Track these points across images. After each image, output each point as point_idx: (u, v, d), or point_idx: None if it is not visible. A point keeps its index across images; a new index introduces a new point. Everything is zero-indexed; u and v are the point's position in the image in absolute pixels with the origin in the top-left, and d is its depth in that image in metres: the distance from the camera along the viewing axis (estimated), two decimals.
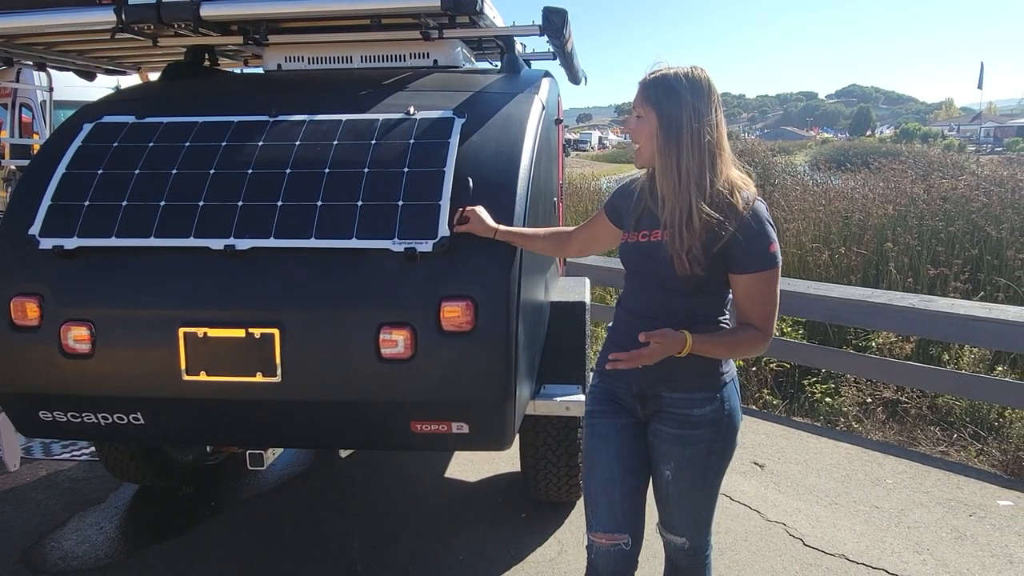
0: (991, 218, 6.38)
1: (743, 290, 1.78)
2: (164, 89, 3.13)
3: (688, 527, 1.95)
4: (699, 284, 1.78)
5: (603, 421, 1.95)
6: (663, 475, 1.89)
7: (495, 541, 3.12)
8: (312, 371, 2.30)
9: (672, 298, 1.81)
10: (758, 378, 5.34)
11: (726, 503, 3.43)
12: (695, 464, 1.86)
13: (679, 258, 1.74)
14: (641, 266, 1.87)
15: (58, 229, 2.39)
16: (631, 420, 1.94)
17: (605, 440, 1.93)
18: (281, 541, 3.17)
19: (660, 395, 1.87)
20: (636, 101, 1.81)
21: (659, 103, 1.75)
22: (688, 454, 1.85)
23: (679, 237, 1.73)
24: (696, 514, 1.94)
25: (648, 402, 1.89)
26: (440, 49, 3.22)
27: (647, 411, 1.91)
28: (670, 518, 1.96)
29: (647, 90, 1.78)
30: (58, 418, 2.47)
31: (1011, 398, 4.05)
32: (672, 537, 1.97)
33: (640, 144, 1.81)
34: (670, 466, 1.87)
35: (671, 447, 1.86)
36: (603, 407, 1.97)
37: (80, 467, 3.89)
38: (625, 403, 1.94)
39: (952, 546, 3.08)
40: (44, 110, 7.10)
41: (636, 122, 1.81)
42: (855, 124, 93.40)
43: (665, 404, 1.86)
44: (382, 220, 2.31)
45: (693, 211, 1.72)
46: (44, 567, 2.97)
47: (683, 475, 1.87)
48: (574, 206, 10.43)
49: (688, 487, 1.89)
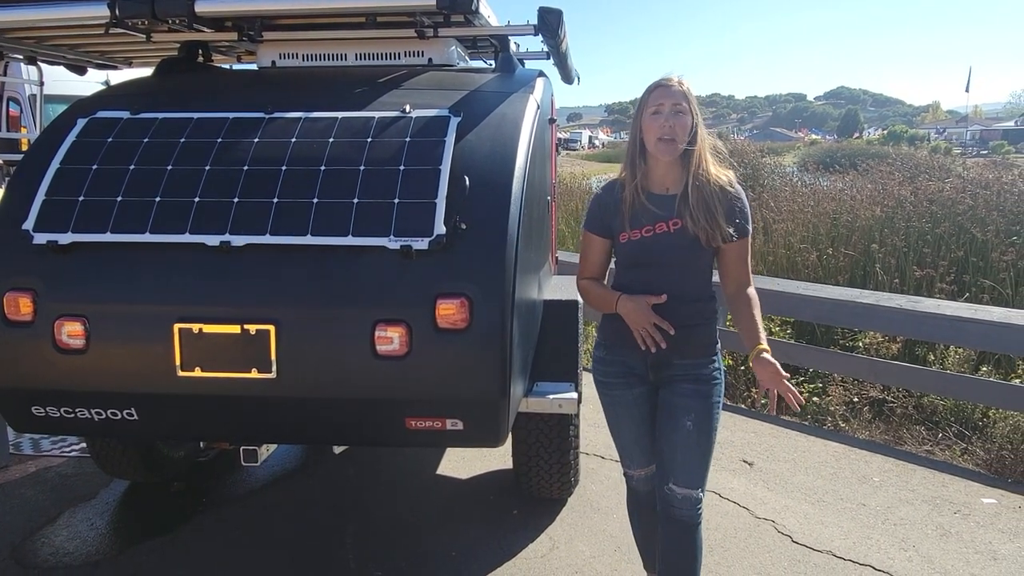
0: (977, 220, 6.46)
1: (737, 252, 2.15)
2: (159, 85, 3.12)
3: (702, 476, 2.20)
4: (705, 260, 2.14)
5: (623, 392, 2.25)
6: (684, 427, 2.15)
7: (487, 537, 3.14)
8: (307, 368, 2.31)
9: (685, 278, 2.14)
10: (747, 377, 5.38)
11: (715, 500, 3.47)
12: (708, 412, 2.17)
13: (711, 233, 2.06)
14: (656, 258, 2.11)
15: (52, 224, 2.39)
16: (643, 389, 2.24)
17: (628, 407, 2.27)
18: (274, 537, 3.17)
19: (673, 363, 2.17)
20: (675, 96, 2.05)
21: (693, 101, 2.08)
22: (704, 405, 2.17)
23: (711, 216, 2.06)
24: (707, 463, 2.21)
25: (662, 369, 2.19)
26: (435, 47, 3.23)
27: (659, 376, 2.21)
28: (688, 471, 2.17)
29: (689, 91, 2.07)
30: (51, 414, 2.46)
31: (995, 398, 4.12)
32: (688, 491, 2.17)
33: (677, 135, 2.05)
34: (691, 416, 2.15)
35: (691, 400, 2.16)
36: (618, 380, 2.25)
37: (70, 463, 3.87)
38: (638, 372, 2.22)
39: (937, 543, 3.13)
40: (34, 104, 7.04)
41: (678, 117, 2.04)
42: (843, 126, 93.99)
43: (678, 370, 2.18)
44: (378, 217, 2.32)
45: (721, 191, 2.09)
46: (34, 563, 2.96)
47: (702, 425, 2.16)
48: (564, 205, 10.46)
49: (705, 436, 2.17)
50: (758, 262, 7.14)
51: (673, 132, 2.04)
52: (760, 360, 2.08)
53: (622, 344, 2.18)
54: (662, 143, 2.05)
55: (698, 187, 2.07)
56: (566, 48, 3.56)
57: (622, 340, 2.16)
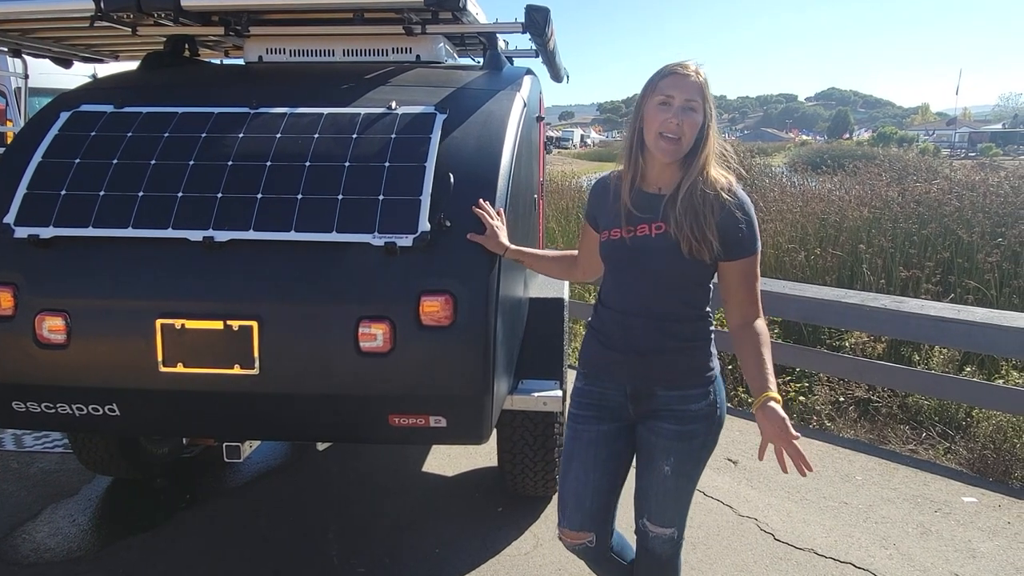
0: (963, 222, 6.51)
1: (741, 272, 1.84)
2: (143, 78, 3.10)
3: (679, 518, 2.00)
4: (696, 273, 1.83)
5: (586, 427, 1.98)
6: (661, 471, 1.91)
7: (471, 534, 3.14)
8: (290, 364, 2.30)
9: (668, 291, 1.86)
10: (733, 376, 5.40)
11: (700, 498, 3.48)
12: (691, 457, 1.92)
13: (695, 245, 1.77)
14: (633, 262, 1.87)
15: (34, 218, 2.37)
16: (615, 426, 1.97)
17: (585, 445, 1.97)
18: (257, 534, 3.16)
19: (656, 394, 1.90)
20: (689, 89, 1.78)
21: (709, 97, 1.81)
22: (687, 448, 1.90)
23: (698, 225, 1.77)
24: (685, 504, 1.99)
25: (642, 402, 1.92)
26: (422, 44, 3.22)
27: (640, 410, 1.93)
28: (663, 512, 1.97)
29: (706, 84, 1.80)
30: (32, 409, 2.45)
31: (978, 398, 4.15)
32: (662, 530, 1.99)
33: (684, 135, 1.78)
34: (670, 461, 1.90)
35: (671, 442, 1.90)
36: (588, 412, 1.98)
37: (53, 459, 3.85)
38: (613, 406, 1.96)
39: (918, 541, 3.16)
40: (19, 97, 6.98)
41: (688, 114, 1.77)
42: (833, 127, 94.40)
43: (661, 403, 1.90)
44: (363, 214, 2.32)
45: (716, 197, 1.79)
46: (16, 559, 2.94)
47: (682, 469, 1.92)
48: (555, 203, 10.46)
49: (685, 480, 1.94)
50: None
51: (680, 131, 1.76)
52: (766, 410, 1.72)
53: (597, 373, 1.96)
54: (664, 141, 1.78)
55: (691, 189, 1.79)
56: (554, 46, 3.56)
57: (598, 369, 1.96)
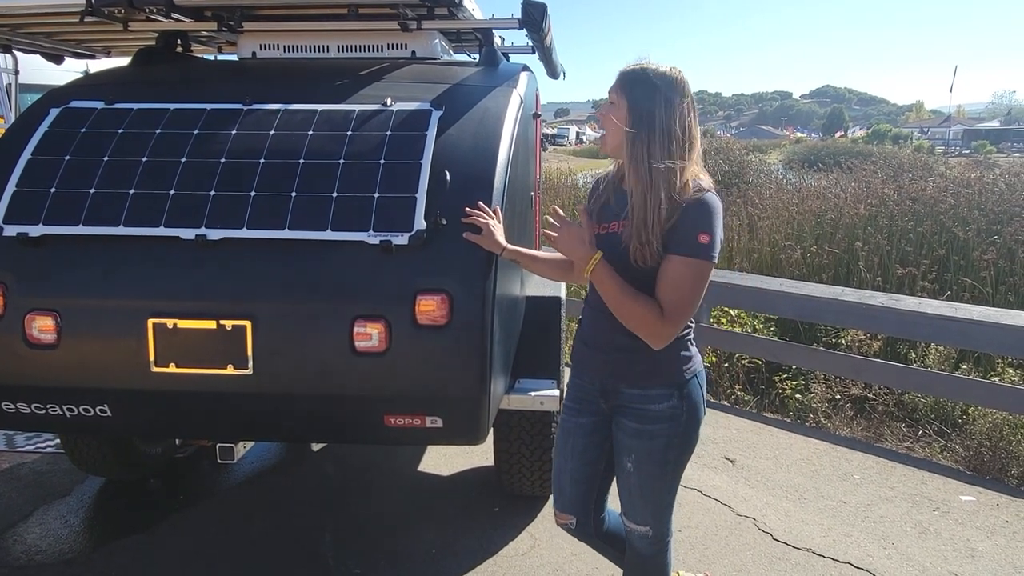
0: (958, 219, 6.52)
1: (663, 270, 1.75)
2: (135, 74, 3.06)
3: (650, 516, 1.99)
4: (645, 275, 1.78)
5: (568, 418, 2.07)
6: (625, 467, 1.95)
7: (468, 535, 3.12)
8: (285, 364, 2.27)
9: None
10: (730, 374, 5.40)
11: (698, 498, 3.47)
12: (654, 457, 1.92)
13: (640, 250, 1.75)
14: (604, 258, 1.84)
15: (23, 216, 2.34)
16: (593, 418, 2.02)
17: (565, 435, 2.07)
18: (251, 535, 3.13)
19: (620, 391, 1.93)
20: (611, 88, 1.84)
21: (632, 92, 1.78)
22: (647, 447, 1.91)
23: (644, 229, 1.74)
24: (657, 504, 1.98)
25: (610, 396, 1.96)
26: (418, 40, 3.19)
27: (610, 405, 1.98)
28: (633, 508, 2.00)
29: (623, 78, 1.81)
30: (22, 410, 2.41)
31: (975, 396, 4.14)
32: (635, 527, 2.01)
33: (607, 131, 1.84)
34: (631, 458, 1.93)
35: (631, 440, 1.93)
36: (572, 404, 2.06)
37: (45, 459, 3.81)
38: (590, 399, 2.01)
39: (916, 540, 3.15)
40: (9, 93, 6.92)
41: (608, 108, 1.83)
42: (828, 124, 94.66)
43: (624, 400, 1.93)
44: (357, 212, 2.29)
45: (661, 205, 1.72)
46: (7, 561, 2.91)
47: (643, 468, 1.93)
48: (551, 201, 10.45)
49: (648, 478, 1.94)
50: (742, 259, 7.16)
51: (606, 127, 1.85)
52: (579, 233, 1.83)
53: (577, 368, 2.03)
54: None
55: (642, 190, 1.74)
56: (551, 42, 3.54)
57: (577, 363, 2.03)
